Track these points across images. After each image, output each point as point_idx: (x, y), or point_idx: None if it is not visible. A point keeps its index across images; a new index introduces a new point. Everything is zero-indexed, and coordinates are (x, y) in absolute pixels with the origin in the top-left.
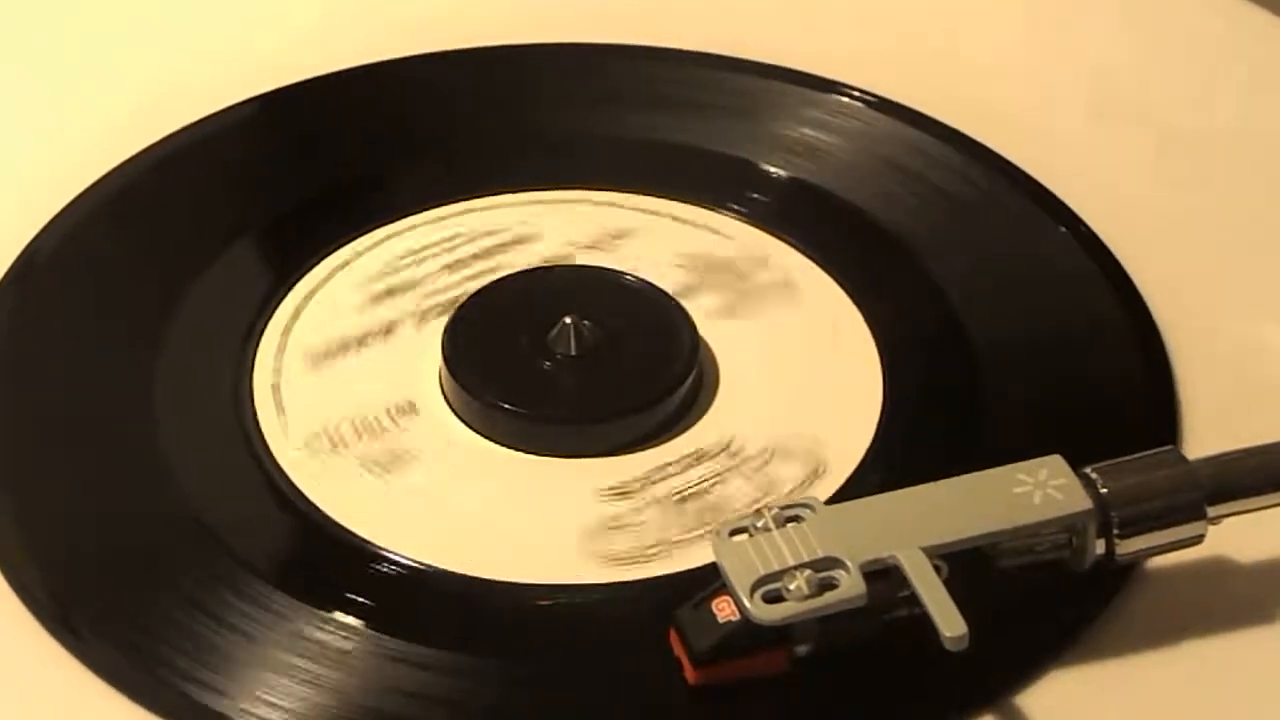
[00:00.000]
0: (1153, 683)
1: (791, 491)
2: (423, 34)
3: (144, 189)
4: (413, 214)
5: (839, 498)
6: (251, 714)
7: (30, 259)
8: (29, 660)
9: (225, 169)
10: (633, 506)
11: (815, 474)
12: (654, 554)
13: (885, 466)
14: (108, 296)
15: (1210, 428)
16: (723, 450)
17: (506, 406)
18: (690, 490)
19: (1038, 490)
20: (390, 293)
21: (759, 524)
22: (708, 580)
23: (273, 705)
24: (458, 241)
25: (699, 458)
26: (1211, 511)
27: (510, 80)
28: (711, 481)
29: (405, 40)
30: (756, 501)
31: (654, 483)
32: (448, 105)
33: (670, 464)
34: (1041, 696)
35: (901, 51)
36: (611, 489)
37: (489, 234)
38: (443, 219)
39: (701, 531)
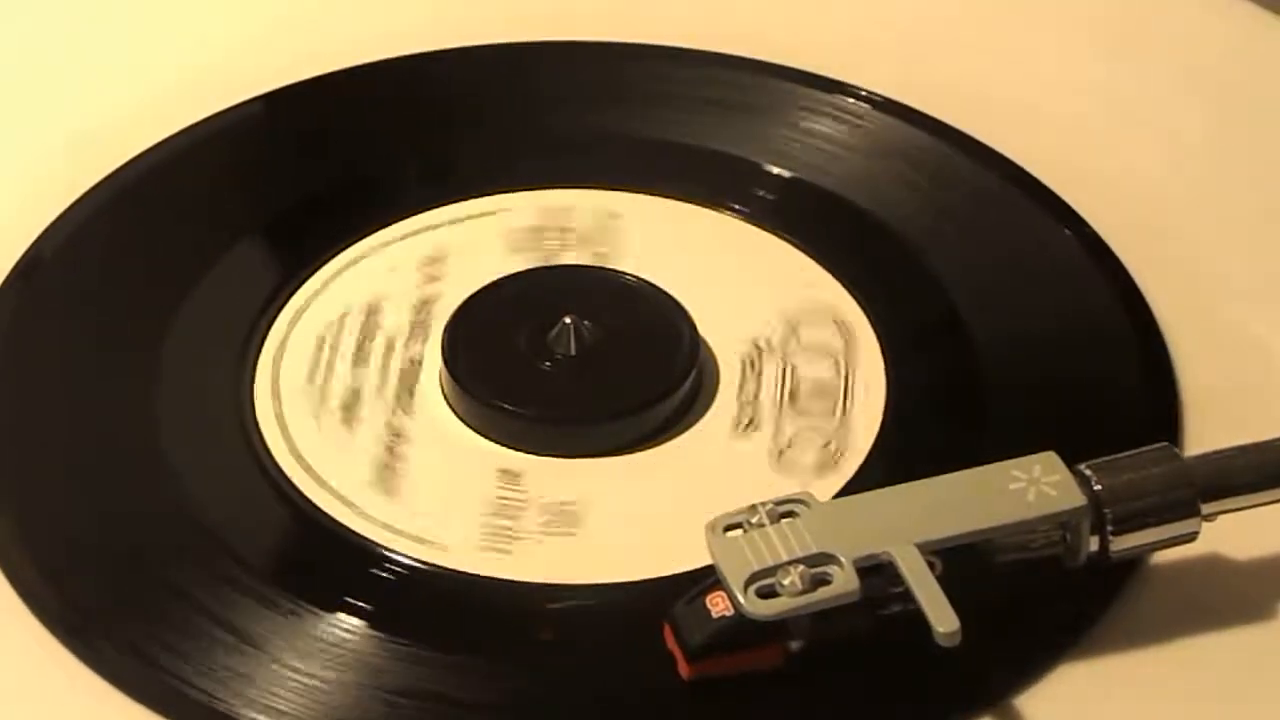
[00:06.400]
0: (1154, 682)
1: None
2: (424, 32)
3: (146, 189)
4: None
5: (843, 494)
6: (253, 714)
7: (32, 260)
8: (30, 660)
9: (228, 169)
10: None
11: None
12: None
13: (889, 463)
14: (110, 297)
15: (1210, 425)
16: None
17: (506, 406)
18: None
19: (1032, 487)
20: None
21: (753, 520)
22: (704, 579)
23: (274, 705)
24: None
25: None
26: (1205, 509)
27: (511, 79)
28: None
29: (407, 38)
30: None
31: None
32: (448, 104)
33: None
34: (1042, 696)
35: (904, 51)
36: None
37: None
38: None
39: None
